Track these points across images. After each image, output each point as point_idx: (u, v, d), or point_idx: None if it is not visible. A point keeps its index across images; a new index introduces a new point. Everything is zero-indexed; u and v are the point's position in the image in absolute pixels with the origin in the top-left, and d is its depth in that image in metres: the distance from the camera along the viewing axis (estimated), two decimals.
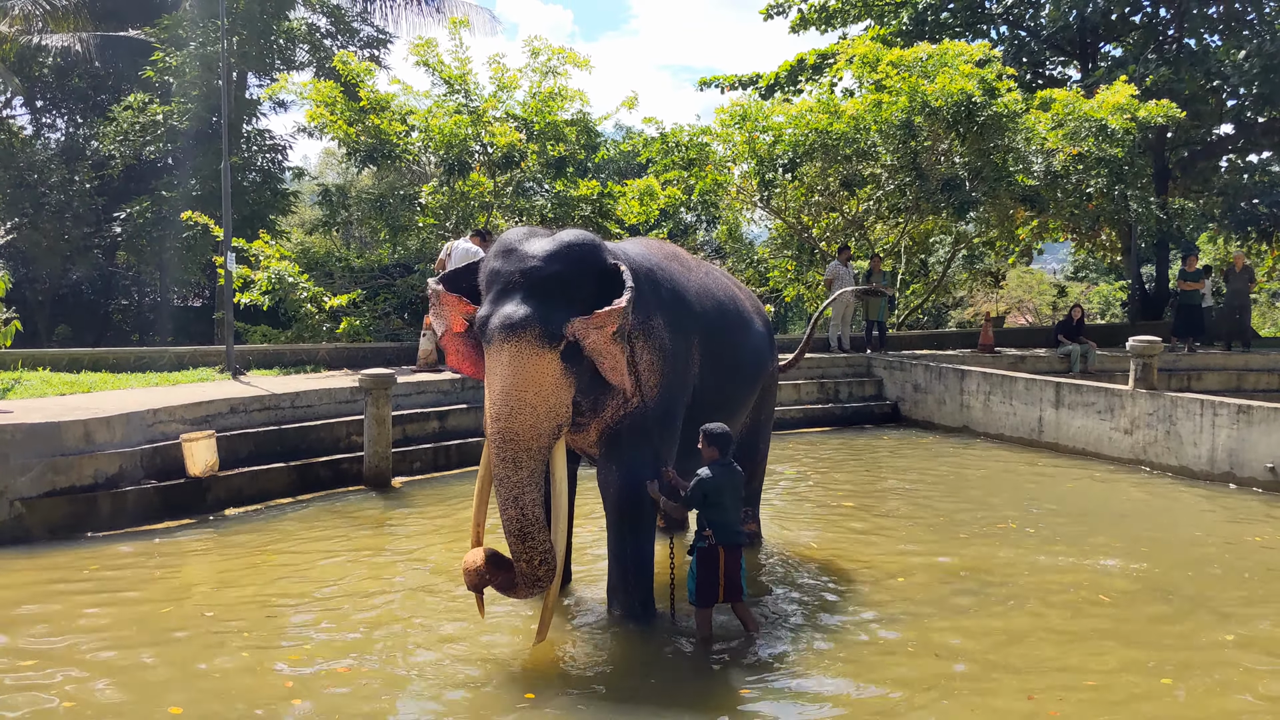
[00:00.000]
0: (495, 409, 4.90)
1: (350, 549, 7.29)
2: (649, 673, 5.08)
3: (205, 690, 4.76)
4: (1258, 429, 9.59)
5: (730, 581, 5.34)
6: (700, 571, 5.35)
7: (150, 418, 8.30)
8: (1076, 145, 15.80)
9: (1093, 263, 30.05)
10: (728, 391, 6.30)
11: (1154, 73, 17.35)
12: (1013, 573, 6.79)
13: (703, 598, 5.37)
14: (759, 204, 17.57)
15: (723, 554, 5.30)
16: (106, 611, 5.81)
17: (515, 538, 4.86)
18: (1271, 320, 27.55)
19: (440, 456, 10.12)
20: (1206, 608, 6.11)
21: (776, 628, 5.68)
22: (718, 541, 5.30)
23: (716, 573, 5.31)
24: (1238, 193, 20.48)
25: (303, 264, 13.61)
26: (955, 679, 4.98)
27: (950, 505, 8.84)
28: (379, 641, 5.37)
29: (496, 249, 5.22)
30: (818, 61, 20.67)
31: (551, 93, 14.53)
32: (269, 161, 20.54)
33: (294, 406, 9.69)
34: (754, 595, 5.94)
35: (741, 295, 6.91)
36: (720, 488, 5.28)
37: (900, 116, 15.22)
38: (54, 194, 18.56)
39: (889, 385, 14.10)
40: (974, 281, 25.56)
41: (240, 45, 18.43)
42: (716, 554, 5.30)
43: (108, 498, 7.59)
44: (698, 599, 5.38)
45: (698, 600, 5.39)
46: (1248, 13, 19.31)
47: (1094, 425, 11.16)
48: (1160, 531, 8.10)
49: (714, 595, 5.35)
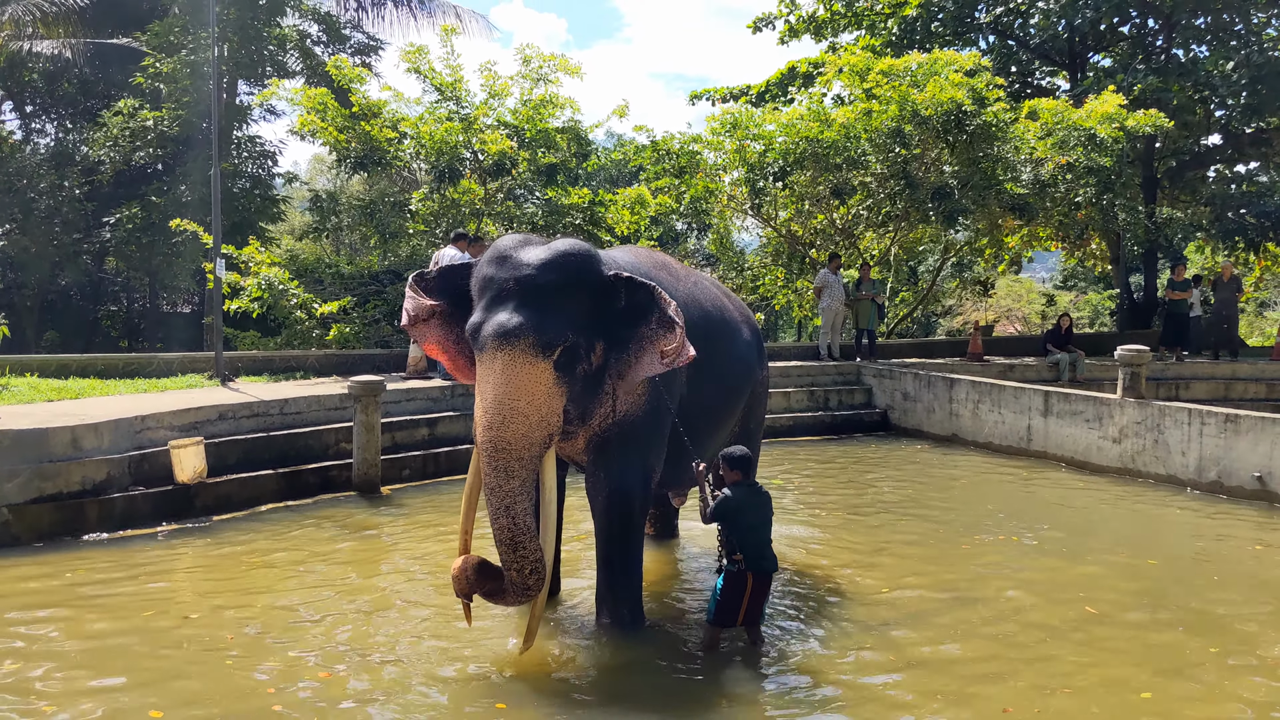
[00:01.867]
0: (487, 417, 4.88)
1: (337, 556, 7.27)
2: (632, 681, 5.08)
3: (187, 695, 4.75)
4: (1245, 438, 9.63)
5: (754, 608, 5.27)
6: (725, 594, 5.25)
7: (139, 424, 8.28)
8: (1065, 154, 15.87)
9: (1082, 272, 30.18)
10: (715, 400, 6.29)
11: (1142, 82, 17.45)
12: (998, 583, 6.81)
13: (721, 619, 5.30)
14: (749, 212, 17.60)
15: (751, 580, 5.21)
16: (91, 616, 5.79)
17: (506, 546, 4.84)
18: (1259, 330, 27.66)
19: (429, 464, 10.10)
20: (1192, 618, 6.12)
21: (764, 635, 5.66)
22: (748, 568, 5.21)
23: (741, 598, 5.22)
24: (1225, 203, 20.58)
25: (292, 270, 13.59)
26: (936, 690, 4.98)
27: (938, 515, 8.85)
28: (363, 649, 5.36)
29: (490, 256, 5.21)
30: (809, 70, 20.71)
31: (543, 100, 14.54)
32: (259, 168, 20.52)
33: (283, 413, 9.67)
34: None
35: (730, 304, 6.91)
36: (741, 508, 5.19)
37: (890, 125, 15.28)
38: (43, 199, 18.48)
39: (878, 393, 14.13)
40: (963, 290, 25.63)
41: (231, 52, 18.42)
42: (744, 580, 5.21)
43: (95, 504, 7.56)
44: (715, 619, 5.31)
45: (714, 620, 5.32)
46: (1236, 23, 19.43)
47: (1082, 434, 11.19)
48: (1147, 541, 8.13)
49: (733, 620, 5.28)
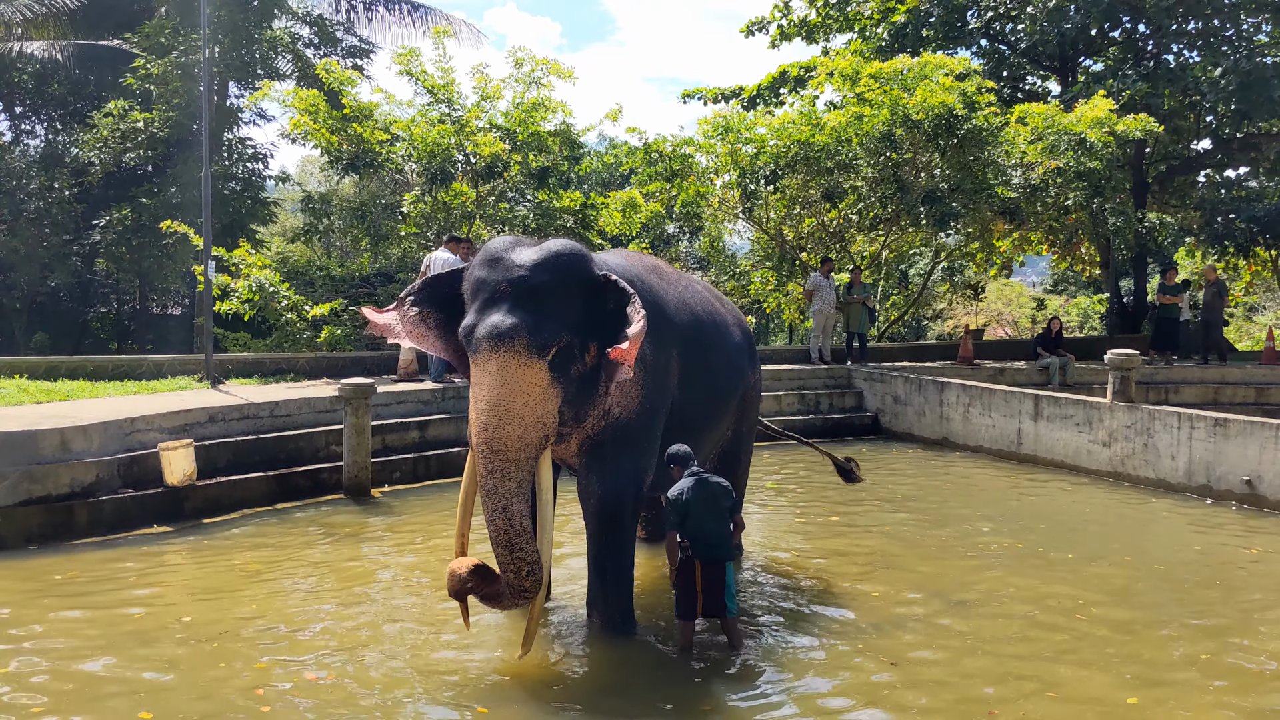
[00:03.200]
0: (482, 419, 4.87)
1: (327, 559, 7.25)
2: (621, 685, 5.07)
3: (176, 699, 4.73)
4: (1234, 442, 9.67)
5: (710, 597, 5.31)
6: (679, 584, 5.36)
7: (128, 426, 8.24)
8: (1055, 159, 15.92)
9: (1072, 276, 30.28)
10: (706, 403, 6.29)
11: (1131, 88, 17.51)
12: (986, 586, 6.82)
13: (681, 611, 5.37)
14: (741, 215, 17.62)
15: (699, 568, 5.28)
16: (80, 619, 5.77)
17: (503, 549, 4.83)
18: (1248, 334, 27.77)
19: (420, 466, 10.08)
20: (1180, 623, 6.13)
21: (751, 640, 5.67)
22: (693, 555, 5.28)
23: (693, 587, 5.30)
24: (1215, 208, 20.66)
25: (283, 272, 13.56)
26: (921, 692, 4.98)
27: (928, 518, 8.87)
28: (352, 652, 5.34)
29: (482, 258, 5.20)
30: (800, 74, 20.75)
31: (535, 103, 14.53)
32: (249, 170, 20.47)
33: (273, 416, 9.65)
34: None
35: (721, 308, 6.91)
36: (688, 504, 5.26)
37: (881, 129, 15.31)
38: (33, 201, 18.42)
39: (869, 397, 14.15)
40: (954, 294, 25.72)
41: (222, 54, 18.38)
42: (693, 567, 5.29)
43: (85, 507, 7.53)
44: (677, 611, 5.40)
45: (677, 612, 5.40)
46: (1226, 29, 19.51)
47: (1072, 438, 11.22)
48: (1136, 545, 8.15)
49: (692, 611, 5.34)
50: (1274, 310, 29.50)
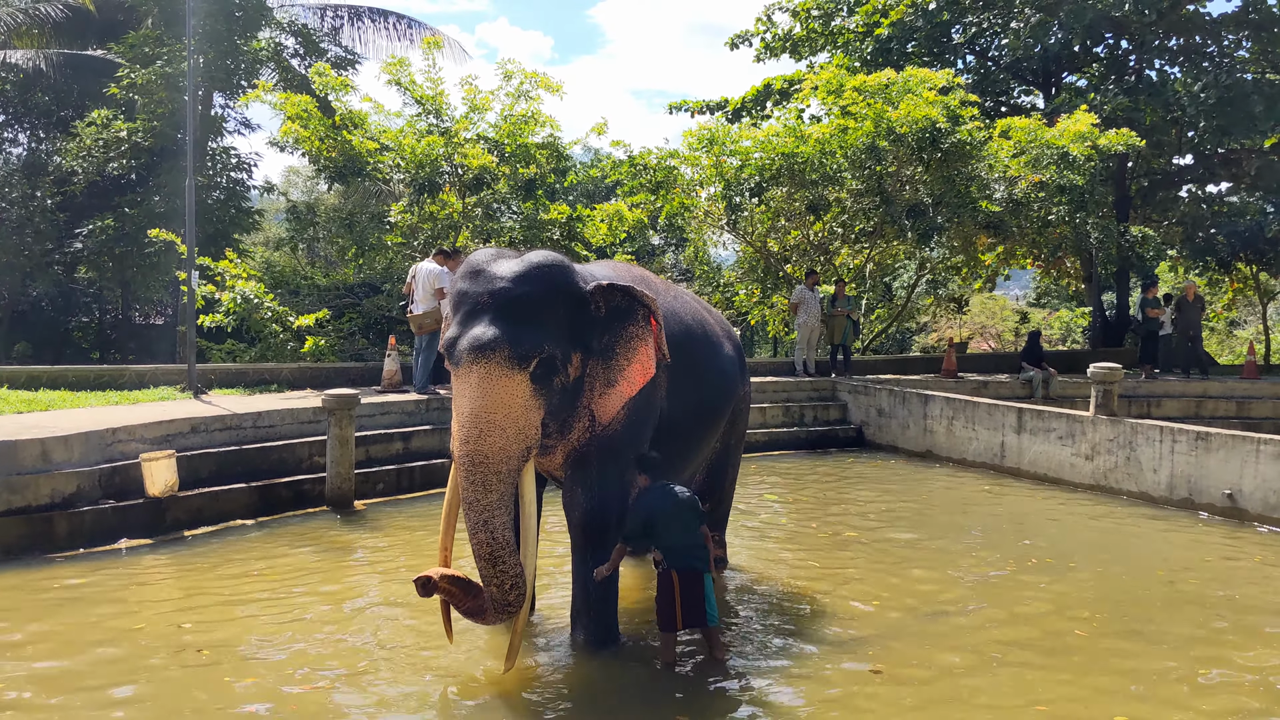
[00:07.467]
0: (464, 431, 4.86)
1: (310, 571, 7.21)
2: (604, 699, 5.05)
3: (160, 710, 4.69)
4: (1215, 456, 9.72)
5: (689, 607, 5.30)
6: (658, 596, 5.37)
7: (109, 437, 8.19)
8: (1038, 173, 16.01)
9: (1055, 289, 30.44)
10: (696, 415, 6.28)
11: (1113, 102, 17.64)
12: (970, 598, 6.82)
13: (661, 622, 5.38)
14: (726, 227, 17.66)
15: (676, 579, 5.29)
16: (61, 632, 5.72)
17: (486, 562, 4.80)
18: (1229, 349, 27.96)
19: (404, 478, 10.05)
20: (1164, 635, 6.14)
21: (735, 653, 5.66)
22: (669, 566, 5.30)
23: (671, 597, 5.30)
24: (1197, 222, 20.82)
25: (268, 282, 13.50)
26: (905, 705, 4.98)
27: (912, 531, 8.87)
28: (335, 665, 5.30)
29: (464, 270, 5.20)
30: (785, 87, 20.81)
31: (524, 115, 14.54)
32: (234, 180, 20.39)
33: (256, 426, 9.60)
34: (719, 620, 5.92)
35: (710, 319, 6.90)
36: (651, 516, 5.29)
37: (865, 142, 15.38)
38: (14, 209, 18.31)
39: (853, 409, 14.17)
40: (937, 307, 25.81)
41: (206, 63, 18.31)
42: (670, 578, 5.30)
43: (65, 518, 7.48)
44: (658, 623, 5.41)
45: (658, 624, 5.41)
46: (1207, 45, 19.69)
47: (1055, 451, 11.26)
48: (1119, 558, 8.16)
49: (672, 622, 5.34)
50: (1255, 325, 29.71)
